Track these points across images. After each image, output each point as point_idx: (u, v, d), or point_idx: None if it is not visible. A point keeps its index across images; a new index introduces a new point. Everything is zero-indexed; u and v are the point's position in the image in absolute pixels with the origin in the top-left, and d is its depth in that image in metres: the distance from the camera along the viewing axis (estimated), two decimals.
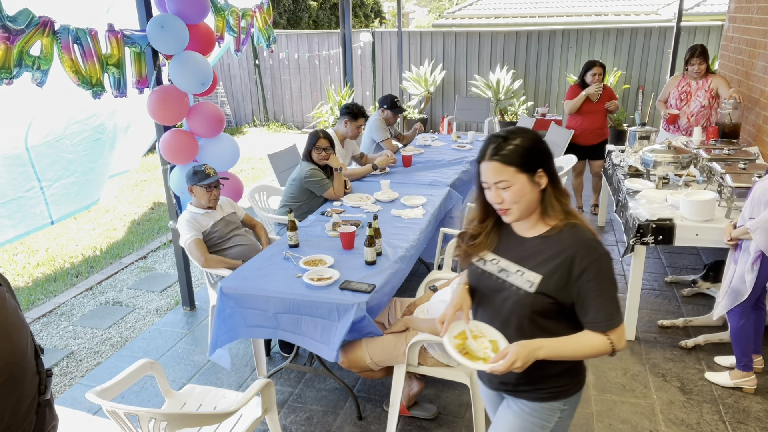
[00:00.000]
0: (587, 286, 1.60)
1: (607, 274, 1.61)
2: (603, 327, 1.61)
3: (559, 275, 1.62)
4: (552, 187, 1.66)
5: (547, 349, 1.59)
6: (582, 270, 1.59)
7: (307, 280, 2.72)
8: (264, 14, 4.83)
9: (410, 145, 5.58)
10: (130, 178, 8.01)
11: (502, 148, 1.62)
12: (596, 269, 1.59)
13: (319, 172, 3.96)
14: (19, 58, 2.66)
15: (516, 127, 1.68)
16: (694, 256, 4.88)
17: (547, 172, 1.65)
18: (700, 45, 4.90)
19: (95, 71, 3.05)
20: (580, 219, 1.68)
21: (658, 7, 11.50)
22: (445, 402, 3.08)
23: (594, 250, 1.61)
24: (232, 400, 2.45)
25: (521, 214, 1.66)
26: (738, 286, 2.95)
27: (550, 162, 1.66)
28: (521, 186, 1.62)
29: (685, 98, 4.99)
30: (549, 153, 1.67)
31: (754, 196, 2.89)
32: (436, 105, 10.10)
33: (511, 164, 1.61)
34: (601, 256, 1.61)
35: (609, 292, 1.61)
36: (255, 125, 11.31)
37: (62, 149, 3.42)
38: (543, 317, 1.66)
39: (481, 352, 1.64)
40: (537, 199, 1.66)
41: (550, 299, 1.63)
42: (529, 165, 1.61)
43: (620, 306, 1.63)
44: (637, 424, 2.89)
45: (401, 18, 9.63)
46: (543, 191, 1.66)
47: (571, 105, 5.43)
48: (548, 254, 1.65)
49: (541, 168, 1.63)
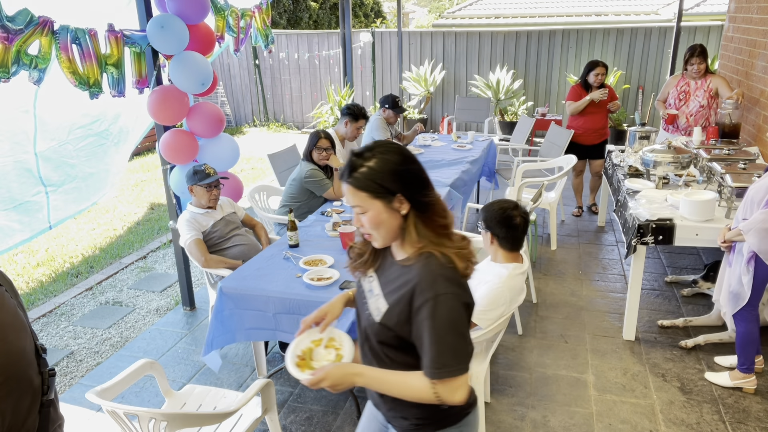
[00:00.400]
0: (422, 325, 1.44)
1: (443, 318, 1.41)
2: (428, 374, 1.44)
3: (400, 308, 1.48)
4: (418, 212, 1.49)
5: (367, 378, 1.49)
6: (419, 307, 1.44)
7: (307, 280, 2.72)
8: (263, 14, 4.84)
9: (410, 145, 5.58)
10: (130, 178, 8.01)
11: (355, 170, 1.47)
12: (430, 309, 1.41)
13: (319, 172, 3.97)
14: (17, 57, 2.66)
15: (378, 144, 1.53)
16: (694, 256, 4.88)
17: (409, 198, 1.48)
18: (700, 45, 4.90)
19: (93, 72, 3.05)
20: (443, 248, 1.49)
21: (658, 7, 11.50)
22: None
23: (433, 287, 1.42)
24: (232, 400, 2.45)
25: (385, 240, 1.52)
26: (737, 289, 2.94)
27: (413, 186, 1.49)
28: (377, 212, 1.47)
29: (684, 98, 5.00)
30: (412, 176, 1.49)
31: (747, 197, 2.88)
32: (436, 105, 10.10)
33: (363, 190, 1.46)
34: (439, 296, 1.41)
35: (440, 336, 1.41)
36: (255, 125, 11.31)
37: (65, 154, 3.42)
38: (388, 347, 1.54)
39: (321, 362, 1.58)
40: (399, 225, 1.50)
41: (391, 332, 1.51)
42: (383, 191, 1.45)
43: (461, 355, 1.44)
44: (637, 424, 2.89)
45: (401, 18, 9.63)
46: (407, 217, 1.49)
47: (575, 107, 5.42)
48: (398, 284, 1.51)
49: (399, 193, 1.46)
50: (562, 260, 4.83)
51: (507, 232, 2.52)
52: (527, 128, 6.69)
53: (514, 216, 2.53)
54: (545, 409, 3.02)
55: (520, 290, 2.56)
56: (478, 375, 2.61)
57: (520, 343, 3.62)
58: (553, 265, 4.74)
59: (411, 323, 1.47)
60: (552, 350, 3.55)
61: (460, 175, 4.54)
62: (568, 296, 4.22)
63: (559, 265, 4.74)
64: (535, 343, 3.63)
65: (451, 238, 1.53)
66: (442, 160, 4.96)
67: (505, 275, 2.50)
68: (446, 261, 1.47)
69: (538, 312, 4.00)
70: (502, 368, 3.37)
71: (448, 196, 4.10)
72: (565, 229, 5.54)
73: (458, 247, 1.51)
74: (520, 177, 5.04)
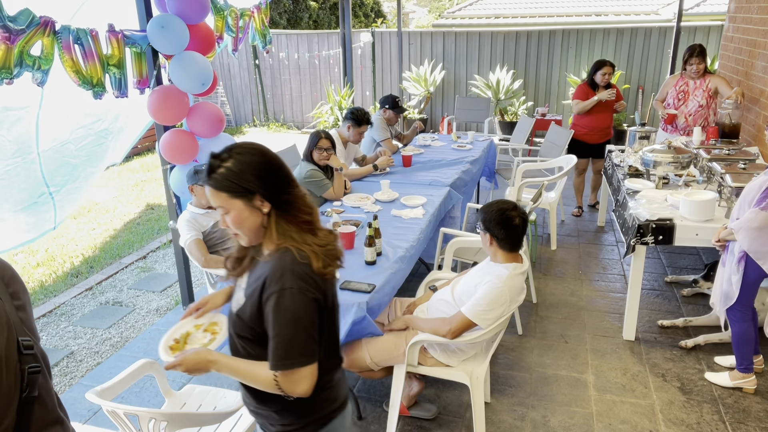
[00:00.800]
0: (267, 317, 1.50)
1: (285, 311, 1.46)
2: (273, 366, 1.49)
3: (253, 301, 1.53)
4: (279, 210, 1.53)
5: (221, 365, 1.54)
6: (266, 299, 1.49)
7: None
8: (261, 14, 4.84)
9: (410, 145, 5.58)
10: (130, 178, 8.01)
11: (214, 171, 1.50)
12: (275, 302, 1.47)
13: (319, 173, 3.97)
14: (20, 58, 2.66)
15: (237, 145, 1.55)
16: (694, 256, 4.88)
17: (269, 197, 1.52)
18: (699, 45, 4.90)
19: (96, 71, 3.05)
20: (303, 245, 1.53)
21: (658, 7, 11.50)
22: (445, 402, 3.08)
23: (279, 280, 1.47)
24: (232, 400, 2.45)
25: (250, 238, 1.57)
26: (727, 288, 2.95)
27: (272, 185, 1.52)
28: (238, 212, 1.51)
29: (683, 98, 5.00)
30: (271, 175, 1.53)
31: (741, 196, 2.89)
32: (436, 105, 10.10)
33: (222, 190, 1.50)
34: (284, 290, 1.46)
35: (282, 329, 1.47)
36: (255, 125, 11.31)
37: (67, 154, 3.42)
38: (245, 340, 1.58)
39: (197, 344, 1.66)
40: (262, 223, 1.54)
41: (245, 324, 1.56)
42: (242, 190, 1.49)
43: (300, 350, 1.48)
44: (637, 424, 2.89)
45: (401, 18, 9.63)
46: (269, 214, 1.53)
47: (582, 107, 5.41)
48: (255, 278, 1.57)
49: (258, 193, 1.50)
50: (562, 260, 4.83)
51: (506, 233, 2.52)
52: (527, 128, 6.69)
53: (513, 217, 2.53)
54: (545, 409, 3.02)
55: (520, 290, 2.56)
56: (478, 375, 2.61)
57: (520, 343, 3.62)
58: (553, 265, 4.74)
59: (261, 315, 1.52)
60: (552, 350, 3.55)
61: (460, 175, 4.54)
62: (568, 296, 4.22)
63: (559, 265, 4.74)
64: (535, 343, 3.63)
65: (315, 235, 1.57)
66: (442, 160, 4.96)
67: (505, 275, 2.49)
68: (301, 257, 1.51)
69: (538, 312, 4.00)
70: (502, 368, 3.37)
71: (448, 196, 4.10)
72: (565, 229, 5.54)
73: (323, 244, 1.56)
74: (520, 177, 5.04)
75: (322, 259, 1.53)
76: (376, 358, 2.64)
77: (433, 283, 3.10)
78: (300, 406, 1.62)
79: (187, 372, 1.54)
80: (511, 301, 2.50)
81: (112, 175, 8.21)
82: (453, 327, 2.48)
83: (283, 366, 1.48)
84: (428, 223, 3.56)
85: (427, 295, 2.95)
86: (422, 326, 2.63)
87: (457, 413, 3.00)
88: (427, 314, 2.78)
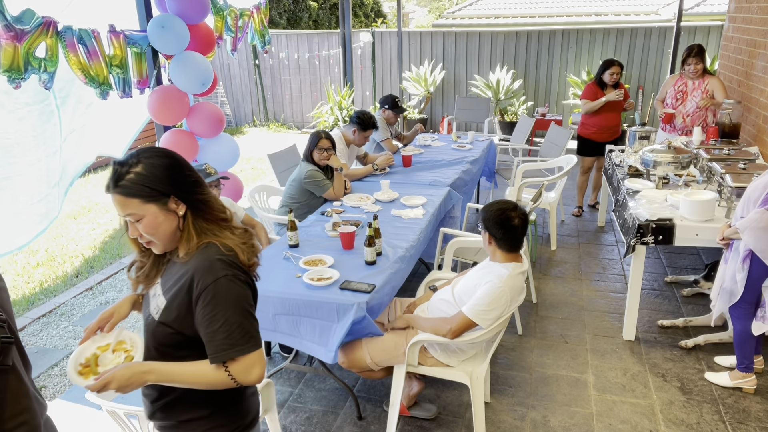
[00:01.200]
0: (203, 312, 1.46)
1: (227, 299, 1.46)
2: (219, 358, 1.46)
3: (179, 301, 1.50)
4: (195, 211, 1.52)
5: (158, 374, 1.46)
6: (199, 294, 1.46)
7: (307, 280, 2.72)
8: (261, 14, 4.84)
9: (410, 145, 5.59)
10: None
11: (123, 178, 1.45)
12: (212, 292, 1.45)
13: (319, 173, 3.97)
14: (26, 60, 2.67)
15: (143, 150, 1.51)
16: (694, 256, 4.88)
17: (183, 198, 1.50)
18: (698, 45, 4.90)
19: (102, 70, 3.06)
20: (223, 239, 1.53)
21: (658, 7, 11.50)
22: (445, 402, 3.08)
23: (212, 272, 1.46)
24: None
25: (166, 244, 1.53)
26: (730, 286, 2.95)
27: (185, 186, 1.51)
28: (153, 217, 1.47)
29: (681, 98, 5.00)
30: (182, 176, 1.51)
31: (745, 195, 2.89)
32: (436, 105, 10.10)
33: (134, 196, 1.45)
34: (219, 279, 1.46)
35: (226, 317, 1.45)
36: (255, 125, 11.31)
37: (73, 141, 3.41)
38: (172, 348, 1.54)
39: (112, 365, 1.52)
40: (178, 226, 1.52)
41: (170, 329, 1.51)
42: (156, 194, 1.46)
43: (250, 334, 1.48)
44: (637, 424, 2.89)
45: (401, 18, 9.63)
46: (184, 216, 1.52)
47: (590, 107, 5.42)
48: (176, 278, 1.53)
49: (172, 194, 1.48)
50: (562, 260, 4.83)
51: (505, 233, 2.52)
52: (527, 128, 6.69)
53: (512, 217, 2.53)
54: (545, 409, 3.02)
55: (520, 290, 2.56)
56: (478, 375, 2.61)
57: (520, 343, 3.62)
58: (553, 265, 4.74)
59: (192, 314, 1.49)
60: (552, 350, 3.55)
61: (460, 175, 4.55)
62: (568, 296, 4.22)
63: (559, 265, 4.74)
64: (535, 343, 3.63)
65: (233, 232, 1.56)
66: (442, 160, 4.97)
67: (506, 275, 2.50)
68: (227, 249, 1.51)
69: (538, 312, 4.00)
70: (502, 368, 3.37)
71: (448, 196, 4.10)
72: (565, 229, 5.54)
73: (243, 240, 1.56)
74: (520, 177, 5.04)
75: (246, 252, 1.54)
76: (376, 358, 2.64)
77: (433, 283, 3.10)
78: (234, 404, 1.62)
79: (119, 390, 1.43)
80: (511, 301, 2.50)
81: None
82: (453, 327, 2.49)
83: (236, 353, 1.46)
84: (428, 223, 3.56)
85: (428, 295, 2.95)
86: (423, 325, 2.63)
87: (457, 413, 3.00)
88: (427, 314, 2.78)
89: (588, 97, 5.45)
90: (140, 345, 1.58)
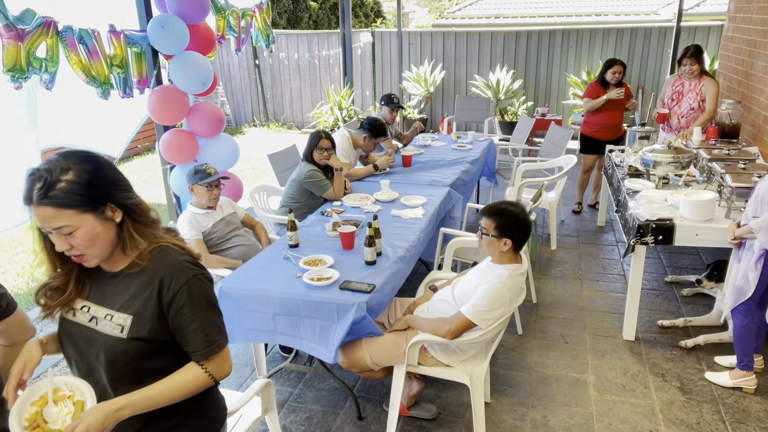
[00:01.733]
0: (180, 314, 1.45)
1: (201, 297, 1.47)
2: (203, 355, 1.48)
3: (151, 311, 1.44)
4: (132, 216, 1.45)
5: (134, 405, 1.38)
6: (171, 298, 1.44)
7: (307, 280, 2.72)
8: (263, 14, 4.84)
9: (410, 145, 5.59)
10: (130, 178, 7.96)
11: (52, 189, 1.32)
12: (186, 294, 1.44)
13: (319, 173, 3.97)
14: (27, 60, 2.67)
15: (67, 155, 1.39)
16: (694, 256, 4.88)
17: (120, 203, 1.42)
18: (695, 45, 4.88)
19: (103, 70, 3.07)
20: (170, 240, 1.51)
21: (658, 7, 11.50)
22: (445, 402, 3.08)
23: (181, 273, 1.45)
24: (232, 400, 2.44)
25: (101, 255, 1.43)
26: (742, 284, 2.95)
27: (119, 191, 1.43)
28: (90, 228, 1.37)
29: (677, 98, 5.00)
30: (116, 180, 1.43)
31: (757, 194, 2.89)
32: (436, 105, 10.10)
33: (68, 207, 1.33)
34: (190, 279, 1.46)
35: (204, 316, 1.47)
36: (255, 125, 11.31)
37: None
38: (146, 360, 1.47)
39: (60, 421, 1.36)
40: (115, 235, 1.43)
41: (143, 341, 1.45)
42: (92, 202, 1.36)
43: (222, 329, 1.53)
44: (637, 424, 2.89)
45: (401, 18, 9.63)
46: (121, 224, 1.43)
47: (591, 105, 5.46)
48: (135, 290, 1.46)
49: (109, 201, 1.39)
50: (562, 260, 4.83)
51: (523, 234, 2.56)
52: (527, 128, 6.69)
53: (528, 216, 2.59)
54: (545, 409, 3.02)
55: (520, 290, 2.56)
56: (478, 375, 2.61)
57: (520, 343, 3.62)
58: (553, 265, 4.74)
59: (165, 319, 1.46)
60: (552, 350, 3.55)
61: (460, 175, 4.55)
62: (568, 296, 4.22)
63: (559, 265, 4.74)
64: (535, 343, 3.63)
65: (168, 231, 1.55)
66: (442, 160, 4.97)
67: (506, 276, 2.50)
68: (179, 249, 1.51)
69: (538, 312, 4.00)
70: (502, 368, 3.37)
71: (448, 196, 4.10)
72: (565, 229, 5.54)
73: (179, 238, 1.56)
74: (520, 177, 5.04)
75: (192, 251, 1.55)
76: (376, 358, 2.64)
77: (433, 283, 3.10)
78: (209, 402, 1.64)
79: None
80: (510, 302, 2.50)
81: None
82: (453, 327, 2.49)
83: (214, 349, 1.50)
84: (428, 223, 3.56)
85: (428, 295, 2.95)
86: (422, 326, 2.63)
87: (457, 413, 3.00)
88: (427, 314, 2.78)
89: (590, 96, 5.48)
90: (83, 387, 1.41)
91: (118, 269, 1.50)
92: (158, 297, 1.45)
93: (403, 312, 2.94)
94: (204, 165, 3.35)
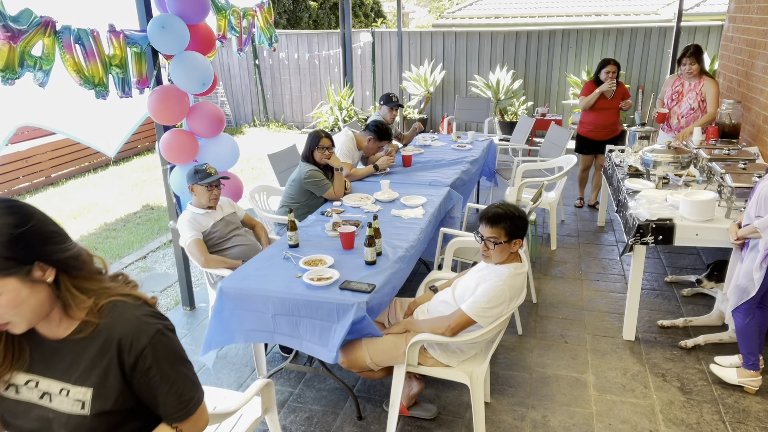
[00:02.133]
0: (146, 377, 1.29)
1: (168, 356, 1.31)
2: (178, 418, 1.34)
3: (113, 380, 1.27)
4: (68, 272, 1.24)
5: None
6: (134, 362, 1.27)
7: (307, 280, 2.72)
8: (265, 14, 4.84)
9: (410, 145, 5.59)
10: (130, 178, 8.01)
11: None
12: (151, 355, 1.27)
13: (319, 173, 3.97)
14: (21, 58, 2.67)
15: None
16: (694, 256, 4.88)
17: (51, 260, 1.20)
18: (694, 45, 4.87)
19: (98, 71, 3.05)
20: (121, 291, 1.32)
21: (658, 7, 11.50)
22: (445, 402, 3.08)
23: (142, 331, 1.27)
24: (232, 400, 2.44)
25: (31, 320, 1.23)
26: (745, 284, 2.95)
27: (49, 245, 1.20)
28: (14, 293, 1.17)
29: (677, 98, 5.00)
30: (48, 234, 1.21)
31: (759, 194, 2.88)
32: (436, 105, 10.10)
33: None
34: (153, 337, 1.28)
35: (175, 375, 1.32)
36: (255, 125, 11.31)
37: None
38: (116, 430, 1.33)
39: None
40: (48, 296, 1.22)
41: (109, 414, 1.28)
42: (13, 264, 1.15)
43: (196, 381, 1.39)
44: (637, 424, 2.89)
45: (401, 18, 9.63)
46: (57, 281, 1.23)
47: (585, 102, 5.49)
48: (91, 356, 1.27)
49: (37, 260, 1.18)
50: (562, 260, 4.83)
51: (525, 228, 2.62)
52: (527, 128, 6.69)
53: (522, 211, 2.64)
54: (545, 409, 3.02)
55: (520, 290, 2.56)
56: (478, 375, 2.61)
57: (520, 343, 3.62)
58: (553, 265, 4.74)
59: (130, 384, 1.29)
60: (552, 350, 3.55)
61: (460, 175, 4.55)
62: (568, 296, 4.22)
63: (559, 265, 4.74)
64: (535, 343, 3.63)
65: (115, 280, 1.36)
66: (442, 160, 4.97)
67: (507, 274, 2.50)
68: (133, 300, 1.32)
69: (538, 312, 4.00)
70: (502, 368, 3.37)
71: (448, 196, 4.10)
72: (565, 229, 5.54)
73: (131, 285, 1.37)
74: (520, 177, 5.04)
75: (148, 298, 1.37)
76: (376, 358, 2.64)
77: (433, 283, 3.10)
78: None
79: None
80: (510, 300, 2.51)
81: (112, 176, 8.22)
82: (452, 324, 2.49)
83: (190, 410, 1.36)
84: (428, 223, 3.56)
85: (428, 295, 2.95)
86: (422, 328, 2.63)
87: (457, 413, 3.00)
88: (427, 315, 2.78)
89: (584, 94, 5.54)
90: None
91: (62, 335, 1.29)
92: (119, 362, 1.27)
93: (404, 312, 2.94)
94: (204, 165, 3.35)
